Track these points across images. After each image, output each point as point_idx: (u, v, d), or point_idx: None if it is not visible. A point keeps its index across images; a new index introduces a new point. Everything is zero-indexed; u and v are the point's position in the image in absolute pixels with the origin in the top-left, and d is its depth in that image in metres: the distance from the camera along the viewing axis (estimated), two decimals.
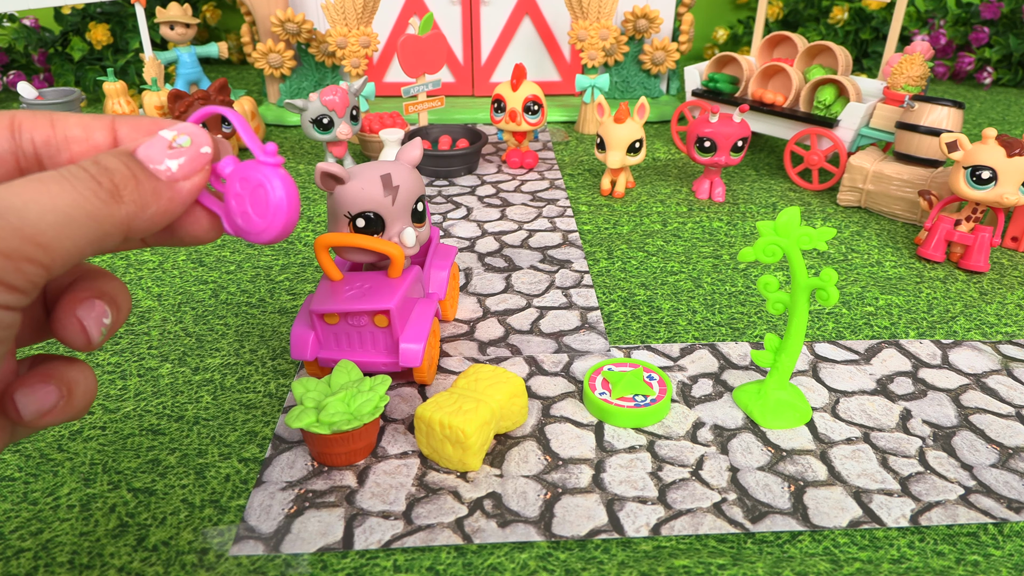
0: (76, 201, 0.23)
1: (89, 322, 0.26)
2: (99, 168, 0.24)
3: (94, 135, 0.27)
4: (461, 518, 0.43)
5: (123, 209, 0.24)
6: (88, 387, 0.27)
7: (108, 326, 0.26)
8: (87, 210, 0.23)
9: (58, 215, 0.22)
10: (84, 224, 0.23)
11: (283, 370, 0.57)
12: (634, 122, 0.85)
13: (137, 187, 0.25)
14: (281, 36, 1.15)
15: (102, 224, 0.23)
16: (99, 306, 0.26)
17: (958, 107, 0.81)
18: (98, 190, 0.23)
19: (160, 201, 0.25)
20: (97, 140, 0.27)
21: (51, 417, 0.26)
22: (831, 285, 0.47)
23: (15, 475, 0.47)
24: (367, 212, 0.50)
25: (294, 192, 0.30)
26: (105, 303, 0.26)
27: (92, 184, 0.23)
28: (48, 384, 0.25)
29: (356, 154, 1.05)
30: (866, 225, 0.85)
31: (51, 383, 0.25)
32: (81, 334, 0.26)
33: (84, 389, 0.26)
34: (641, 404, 0.51)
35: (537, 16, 1.27)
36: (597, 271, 0.73)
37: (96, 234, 0.23)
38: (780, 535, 0.43)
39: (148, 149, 0.26)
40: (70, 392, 0.26)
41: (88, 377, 0.27)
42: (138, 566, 0.40)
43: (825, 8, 1.62)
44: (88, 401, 0.27)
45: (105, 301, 0.26)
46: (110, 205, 0.24)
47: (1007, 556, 0.42)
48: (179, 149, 0.27)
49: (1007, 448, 0.50)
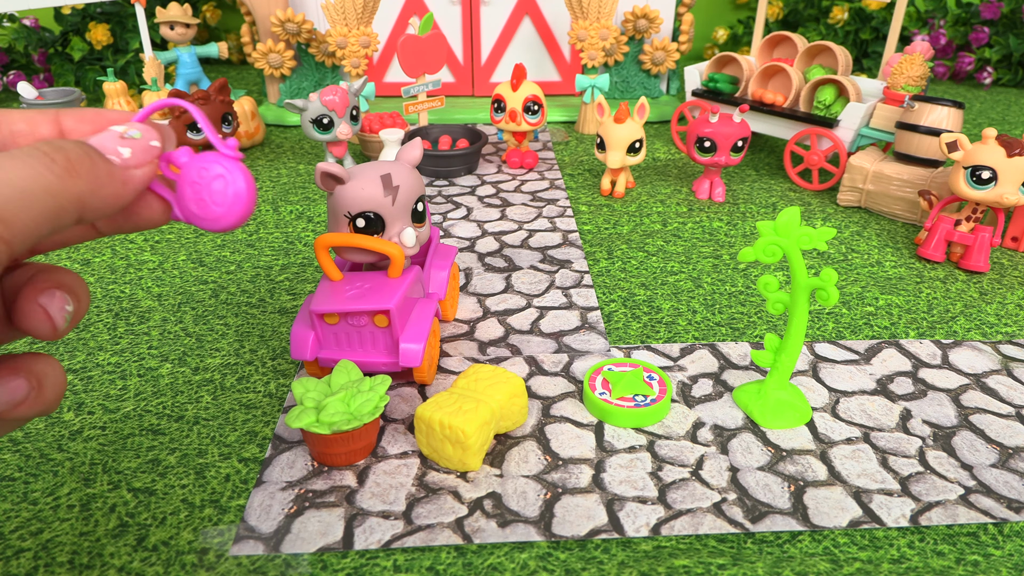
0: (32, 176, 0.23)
1: (53, 309, 0.26)
2: (53, 147, 0.24)
3: (39, 128, 0.28)
4: (461, 518, 0.43)
5: (78, 184, 0.24)
6: (57, 380, 0.27)
7: (71, 314, 0.27)
8: (43, 184, 0.23)
9: (14, 189, 0.22)
10: (41, 198, 0.23)
11: (283, 370, 0.57)
12: (634, 122, 0.85)
13: (92, 166, 0.25)
14: (281, 36, 1.15)
15: (58, 198, 0.24)
16: (60, 295, 0.26)
17: (958, 107, 0.81)
18: (52, 165, 0.24)
19: (114, 183, 0.26)
20: (42, 132, 0.28)
21: (22, 409, 0.26)
22: (831, 285, 0.47)
23: (15, 475, 0.47)
24: (367, 212, 0.50)
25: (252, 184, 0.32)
26: (65, 292, 0.27)
27: (46, 160, 0.24)
28: (18, 377, 0.26)
29: (356, 154, 1.05)
30: (866, 225, 0.85)
31: (20, 375, 0.26)
32: (46, 321, 0.26)
33: (53, 382, 0.27)
34: (641, 404, 0.51)
35: (537, 16, 1.27)
36: (597, 271, 0.73)
37: (52, 208, 0.24)
38: (780, 535, 0.43)
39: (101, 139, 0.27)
40: (40, 384, 0.26)
41: (56, 370, 0.27)
42: (138, 566, 0.40)
43: (825, 8, 1.62)
44: (58, 394, 0.27)
45: (64, 291, 0.27)
46: (65, 179, 0.24)
47: (1007, 556, 0.42)
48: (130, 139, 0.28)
49: (1007, 448, 0.50)
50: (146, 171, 0.28)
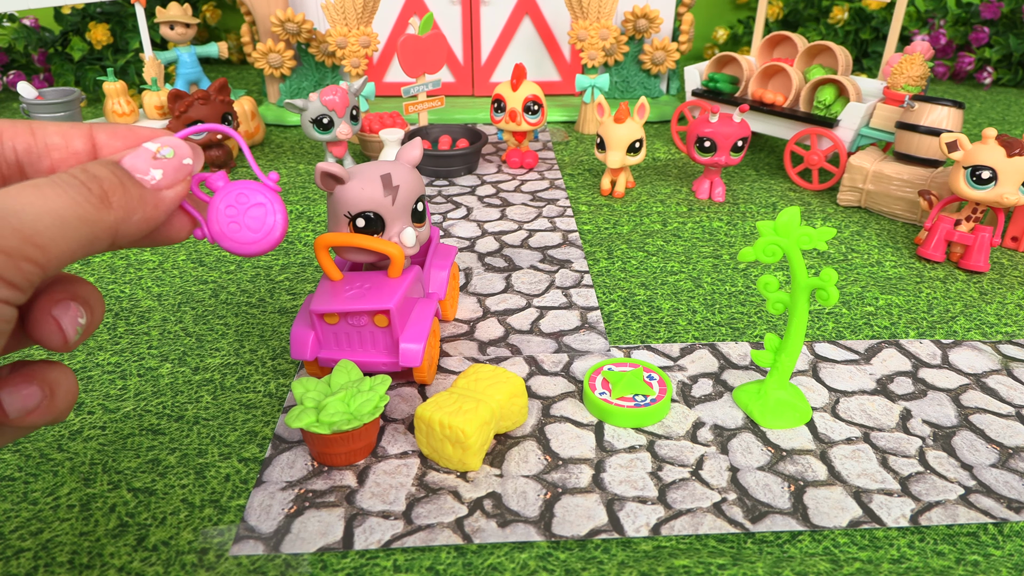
0: (69, 205, 0.24)
1: (65, 321, 0.27)
2: (88, 175, 0.25)
3: (73, 142, 0.28)
4: (461, 518, 0.43)
5: (112, 215, 0.25)
6: (69, 388, 0.27)
7: (83, 326, 0.27)
8: (79, 214, 0.24)
9: (53, 218, 0.23)
10: (77, 227, 0.24)
11: (283, 370, 0.57)
12: (634, 122, 0.85)
13: (124, 194, 0.26)
14: (281, 36, 1.15)
15: (93, 228, 0.25)
16: (73, 307, 0.27)
17: (958, 107, 0.81)
18: (89, 196, 0.25)
19: (146, 208, 0.27)
20: (76, 147, 0.28)
21: (35, 416, 0.26)
22: (831, 285, 0.47)
23: (15, 475, 0.47)
24: (367, 212, 0.50)
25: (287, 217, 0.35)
26: (79, 304, 0.27)
27: (83, 190, 0.25)
28: (31, 384, 0.26)
29: (356, 154, 1.05)
30: (866, 225, 0.85)
31: (34, 383, 0.26)
32: (57, 333, 0.26)
33: (66, 390, 0.27)
34: (641, 404, 0.51)
35: (537, 16, 1.27)
36: (597, 271, 0.73)
37: (88, 237, 0.24)
38: (780, 535, 0.43)
39: (134, 159, 0.28)
40: (52, 392, 0.27)
41: (69, 379, 0.28)
42: (138, 566, 0.41)
43: (825, 8, 1.62)
44: (70, 402, 0.28)
45: (79, 303, 0.27)
46: (100, 210, 0.25)
47: (1007, 556, 0.42)
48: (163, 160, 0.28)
49: (1007, 448, 0.50)
50: (177, 191, 0.29)
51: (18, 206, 0.23)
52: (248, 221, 0.34)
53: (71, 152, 0.28)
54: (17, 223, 0.22)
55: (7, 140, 0.27)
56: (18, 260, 0.22)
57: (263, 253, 0.34)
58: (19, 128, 0.28)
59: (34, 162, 0.28)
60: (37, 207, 0.23)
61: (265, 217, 0.34)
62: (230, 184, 0.34)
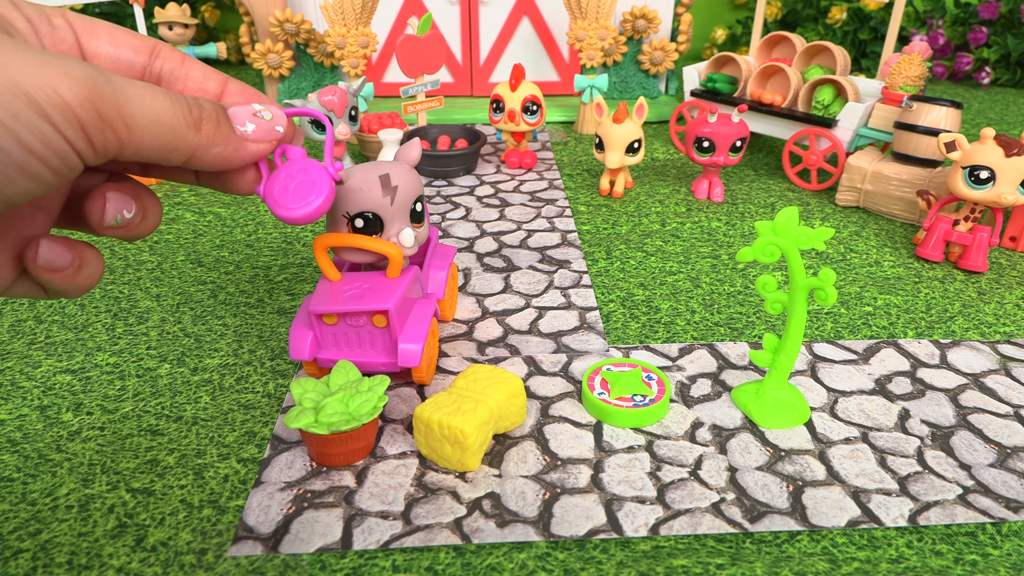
0: (168, 112, 0.29)
1: (111, 205, 0.31)
2: (195, 102, 0.30)
3: (208, 83, 0.34)
4: (460, 518, 0.43)
5: (196, 139, 0.30)
6: (95, 270, 0.32)
7: (127, 220, 0.31)
8: (172, 123, 0.29)
9: (150, 113, 0.28)
10: (164, 131, 0.28)
11: (282, 370, 0.57)
12: (633, 122, 0.86)
13: (215, 128, 0.31)
14: (280, 36, 1.15)
15: (176, 139, 0.29)
16: (128, 200, 0.31)
17: (956, 107, 0.81)
18: (187, 115, 0.29)
19: (227, 147, 0.32)
20: (208, 87, 0.34)
21: (58, 276, 0.30)
22: (829, 285, 0.47)
23: (13, 475, 0.47)
24: (365, 212, 0.50)
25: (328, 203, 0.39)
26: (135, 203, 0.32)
27: (185, 109, 0.29)
28: (68, 250, 0.30)
29: (355, 154, 1.05)
30: (864, 225, 0.85)
31: (70, 251, 0.30)
32: (99, 210, 0.31)
33: (91, 271, 0.31)
34: (640, 404, 0.51)
35: (536, 16, 1.27)
36: (596, 271, 0.73)
37: (169, 144, 0.29)
38: (779, 535, 0.43)
39: (238, 109, 0.33)
40: (80, 265, 0.31)
41: (99, 262, 0.32)
42: (136, 566, 0.40)
43: (823, 8, 1.62)
44: (90, 283, 0.32)
45: (136, 203, 0.32)
46: (189, 129, 0.30)
47: (1005, 556, 0.42)
48: (260, 119, 0.33)
49: (1005, 448, 0.50)
50: (260, 147, 0.33)
51: (131, 92, 0.27)
52: (294, 191, 0.38)
53: (202, 88, 0.34)
54: (123, 101, 0.27)
55: (162, 59, 0.33)
56: (106, 127, 0.26)
57: (294, 222, 0.38)
58: (175, 55, 0.33)
59: (171, 83, 0.33)
60: (144, 100, 0.28)
61: (308, 194, 0.38)
62: (302, 159, 0.38)
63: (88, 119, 0.26)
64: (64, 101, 0.25)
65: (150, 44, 0.33)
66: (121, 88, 0.27)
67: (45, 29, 0.30)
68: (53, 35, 0.30)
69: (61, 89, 0.25)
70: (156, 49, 0.33)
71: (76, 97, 0.25)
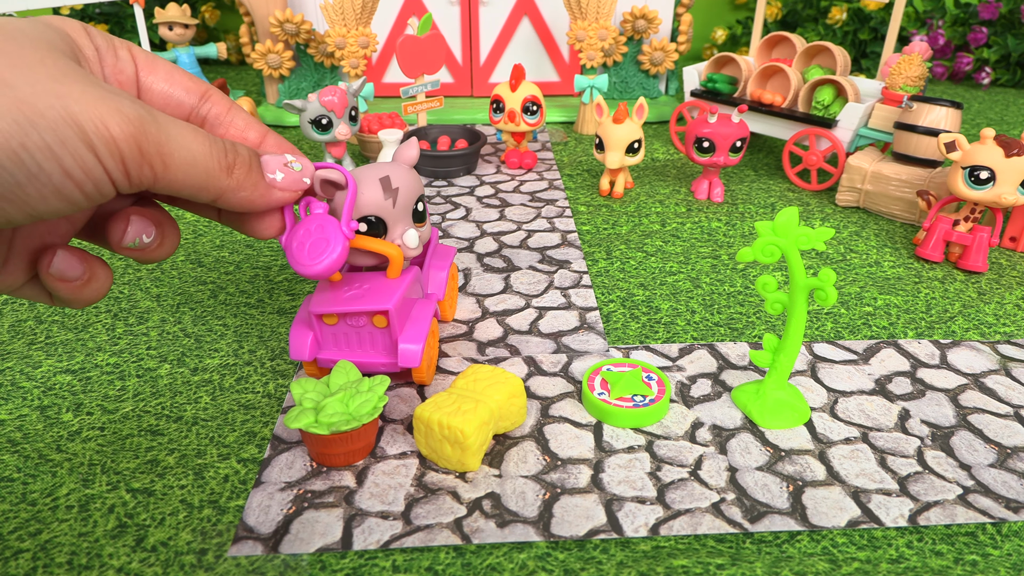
0: (204, 155, 0.30)
1: (132, 228, 0.32)
2: (231, 147, 0.32)
3: (249, 132, 0.36)
4: (460, 518, 0.43)
5: (226, 181, 0.32)
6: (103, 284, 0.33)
7: (145, 244, 0.33)
8: (206, 165, 0.31)
9: (188, 154, 0.30)
10: (197, 172, 0.30)
11: (282, 370, 0.57)
12: (633, 122, 0.86)
13: (245, 173, 0.33)
14: (280, 37, 1.15)
15: (207, 179, 0.31)
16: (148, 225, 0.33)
17: (956, 107, 0.81)
18: (221, 159, 0.31)
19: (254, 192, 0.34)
20: (248, 136, 0.36)
21: (66, 286, 0.32)
22: (829, 285, 0.47)
23: (13, 475, 0.47)
24: (368, 216, 0.50)
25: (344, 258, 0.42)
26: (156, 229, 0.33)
27: (220, 153, 0.31)
28: (81, 263, 0.32)
29: (355, 155, 1.05)
30: (864, 225, 0.85)
31: (82, 263, 0.32)
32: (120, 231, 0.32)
33: (100, 284, 0.33)
34: (640, 404, 0.51)
35: (536, 16, 1.27)
36: (596, 271, 0.73)
37: (200, 183, 0.31)
38: (779, 535, 0.43)
39: (270, 158, 0.35)
40: (91, 277, 0.32)
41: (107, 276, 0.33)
42: (137, 567, 0.40)
43: (824, 8, 1.62)
44: (97, 295, 0.33)
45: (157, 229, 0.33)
46: (221, 172, 0.31)
47: (1005, 556, 0.42)
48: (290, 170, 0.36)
49: (1005, 448, 0.50)
50: (286, 196, 0.36)
51: (173, 132, 0.29)
52: (310, 248, 0.41)
53: (243, 136, 0.36)
54: (164, 139, 0.29)
55: (211, 104, 0.35)
56: (144, 162, 0.28)
57: (306, 277, 0.42)
58: (224, 101, 0.35)
59: (215, 127, 0.35)
60: (184, 140, 0.29)
61: (321, 252, 0.41)
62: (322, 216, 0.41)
63: (129, 153, 0.27)
64: (111, 135, 0.27)
65: (203, 88, 0.35)
66: (165, 127, 0.29)
67: (110, 59, 0.32)
68: (116, 66, 0.32)
69: (111, 124, 0.27)
70: (207, 94, 0.35)
71: (122, 132, 0.27)
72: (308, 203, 0.42)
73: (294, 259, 0.41)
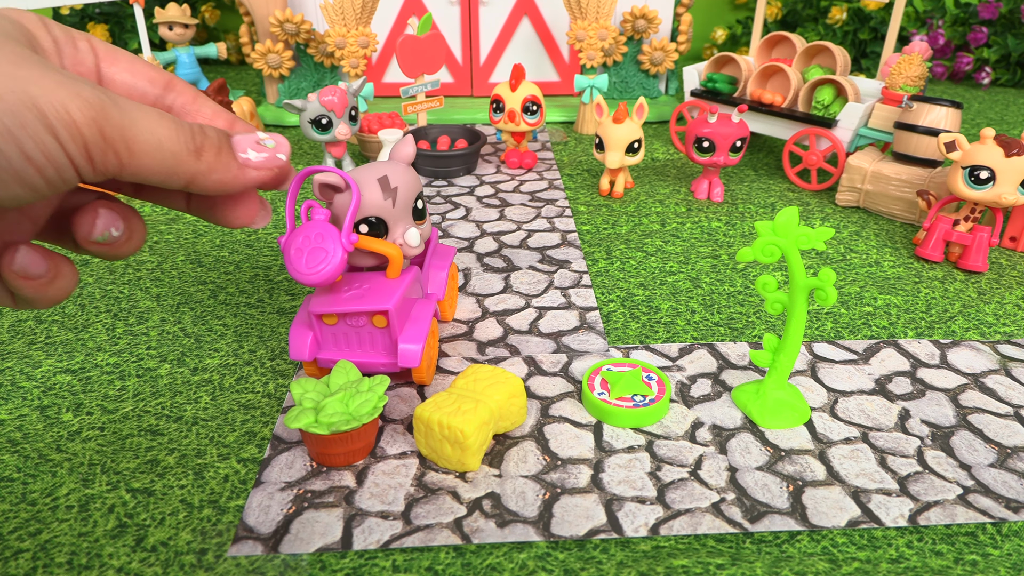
0: (171, 139, 0.29)
1: (100, 221, 0.31)
2: (199, 130, 0.31)
3: (217, 120, 0.35)
4: (460, 518, 0.43)
5: (196, 165, 0.31)
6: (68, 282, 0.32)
7: (114, 238, 0.32)
8: (173, 149, 0.29)
9: (153, 138, 0.29)
10: (165, 156, 0.29)
11: (282, 370, 0.57)
12: (633, 122, 0.86)
13: (215, 155, 0.31)
14: (280, 36, 1.15)
15: (177, 164, 0.30)
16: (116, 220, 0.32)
17: (956, 107, 0.81)
18: (189, 142, 0.30)
19: (227, 173, 0.32)
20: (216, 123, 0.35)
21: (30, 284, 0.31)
22: (829, 285, 0.47)
23: (13, 475, 0.47)
24: (368, 217, 0.50)
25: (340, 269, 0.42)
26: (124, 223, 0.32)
27: (188, 136, 0.30)
28: (45, 260, 0.30)
29: (355, 155, 1.05)
30: (864, 225, 0.85)
31: (46, 261, 0.31)
32: (89, 225, 0.31)
33: (65, 282, 0.32)
34: (640, 404, 0.51)
35: (536, 16, 1.27)
36: (596, 271, 0.73)
37: (169, 168, 0.30)
38: (779, 535, 0.43)
39: (241, 137, 0.33)
40: (55, 276, 0.31)
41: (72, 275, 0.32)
42: (137, 566, 0.40)
43: (823, 8, 1.62)
44: (62, 295, 0.32)
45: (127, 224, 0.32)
46: (190, 156, 0.30)
47: (1005, 556, 0.42)
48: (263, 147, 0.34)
49: (1005, 448, 0.50)
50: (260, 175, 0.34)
51: (137, 116, 0.28)
52: (308, 257, 0.41)
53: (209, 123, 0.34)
54: (128, 124, 0.28)
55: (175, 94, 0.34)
56: (108, 148, 0.27)
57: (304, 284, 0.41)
58: (188, 91, 0.35)
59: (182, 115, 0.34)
60: (149, 124, 0.28)
61: (318, 263, 0.41)
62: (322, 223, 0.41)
63: (92, 138, 0.27)
64: (72, 119, 0.26)
65: (166, 78, 0.34)
66: (128, 112, 0.28)
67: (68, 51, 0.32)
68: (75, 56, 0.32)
69: (71, 108, 0.26)
70: (171, 83, 0.34)
71: (83, 116, 0.26)
72: (310, 206, 0.42)
73: (292, 265, 0.41)
